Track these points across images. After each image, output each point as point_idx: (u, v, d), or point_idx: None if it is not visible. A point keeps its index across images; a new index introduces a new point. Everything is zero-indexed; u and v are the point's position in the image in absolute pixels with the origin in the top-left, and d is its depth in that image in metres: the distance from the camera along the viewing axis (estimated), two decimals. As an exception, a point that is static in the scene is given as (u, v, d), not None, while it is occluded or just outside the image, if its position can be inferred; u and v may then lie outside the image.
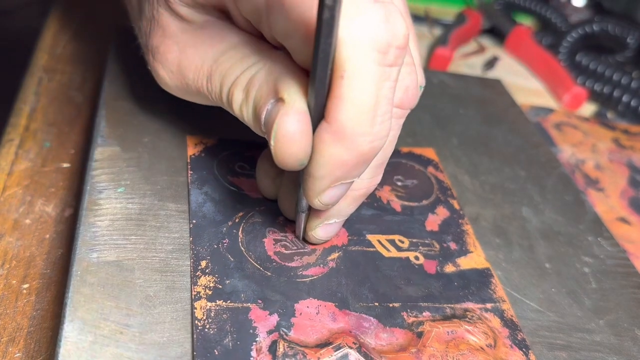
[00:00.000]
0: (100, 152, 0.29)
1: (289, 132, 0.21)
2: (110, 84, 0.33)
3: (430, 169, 0.34)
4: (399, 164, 0.34)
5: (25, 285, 0.28)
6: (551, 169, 0.37)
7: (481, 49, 0.57)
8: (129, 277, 0.24)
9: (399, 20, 0.20)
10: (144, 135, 0.31)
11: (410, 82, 0.24)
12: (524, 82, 0.54)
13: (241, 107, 0.24)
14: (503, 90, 0.45)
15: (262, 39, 0.25)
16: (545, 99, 0.52)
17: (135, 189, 0.28)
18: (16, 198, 0.32)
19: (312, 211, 0.26)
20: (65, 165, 0.35)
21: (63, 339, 0.22)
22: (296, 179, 0.27)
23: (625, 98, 0.51)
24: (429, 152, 0.36)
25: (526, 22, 0.63)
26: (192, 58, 0.25)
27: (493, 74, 0.54)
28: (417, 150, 0.36)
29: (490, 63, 0.55)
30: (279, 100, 0.21)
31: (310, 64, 0.20)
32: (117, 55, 0.36)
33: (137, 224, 0.26)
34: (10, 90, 0.41)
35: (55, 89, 0.40)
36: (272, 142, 0.21)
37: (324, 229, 0.26)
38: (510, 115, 0.42)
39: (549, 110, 0.49)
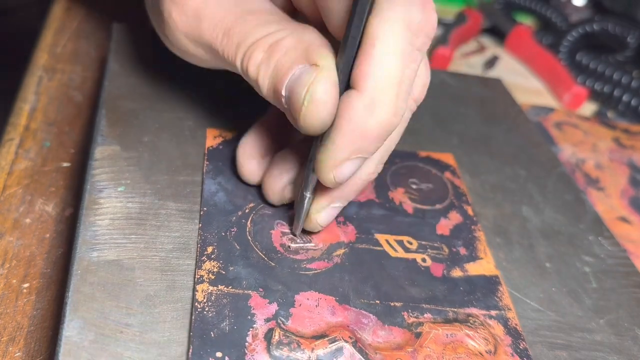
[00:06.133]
0: (101, 152, 0.29)
1: (324, 95, 0.22)
2: (110, 84, 0.33)
3: (448, 174, 0.34)
4: (416, 168, 0.34)
5: (26, 285, 0.28)
6: (551, 168, 0.37)
7: (481, 49, 0.57)
8: (129, 277, 0.24)
9: (434, 11, 0.23)
10: (144, 135, 0.31)
11: (426, 80, 0.26)
12: (524, 82, 0.54)
13: (259, 67, 0.24)
14: (503, 89, 0.45)
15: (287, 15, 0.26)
16: (546, 99, 0.52)
17: (135, 188, 0.28)
18: (16, 197, 0.32)
19: (318, 193, 0.26)
20: (65, 164, 0.35)
21: (63, 338, 0.22)
22: (287, 162, 0.27)
23: (625, 97, 0.51)
24: (448, 158, 0.35)
25: (526, 21, 0.63)
26: (214, 10, 0.26)
27: (493, 73, 0.54)
28: (435, 155, 0.35)
29: (491, 62, 0.55)
30: (313, 65, 0.22)
31: (344, 27, 0.22)
32: (117, 55, 0.36)
33: (138, 223, 0.26)
34: (10, 90, 0.41)
35: (55, 89, 0.40)
36: (303, 104, 0.22)
37: (327, 213, 0.27)
38: (511, 114, 0.42)
39: (550, 110, 0.49)
